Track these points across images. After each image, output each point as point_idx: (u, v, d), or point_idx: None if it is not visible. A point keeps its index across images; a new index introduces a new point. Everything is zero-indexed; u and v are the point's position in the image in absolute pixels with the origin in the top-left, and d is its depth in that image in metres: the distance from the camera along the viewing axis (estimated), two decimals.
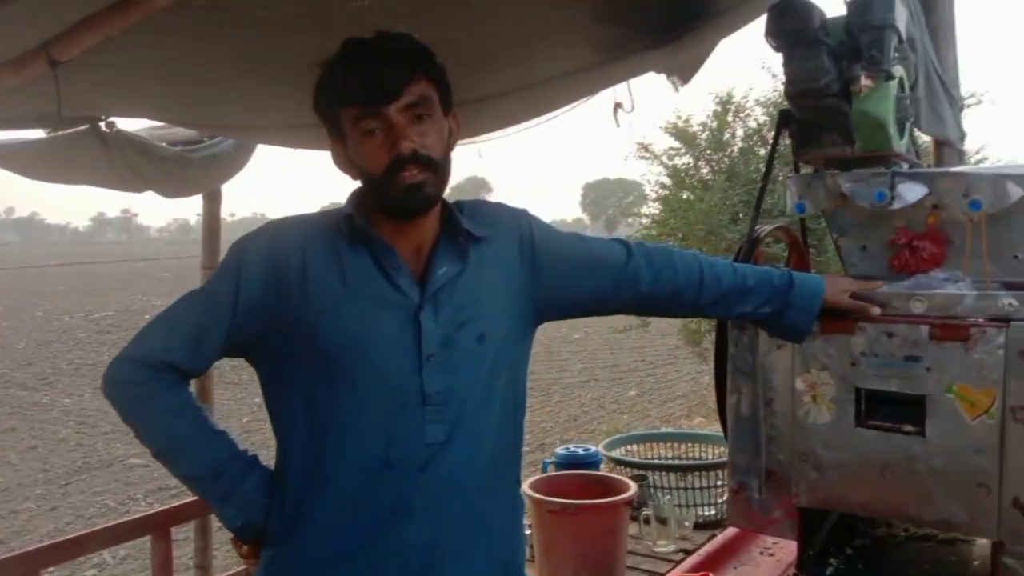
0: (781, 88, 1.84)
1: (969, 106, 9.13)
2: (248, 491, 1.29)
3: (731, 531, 2.01)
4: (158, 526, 2.30)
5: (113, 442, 9.19)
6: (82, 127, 2.86)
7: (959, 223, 1.65)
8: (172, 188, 3.26)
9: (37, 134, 2.94)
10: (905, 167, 1.76)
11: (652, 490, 2.86)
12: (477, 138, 2.60)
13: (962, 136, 2.49)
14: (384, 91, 1.23)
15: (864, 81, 1.69)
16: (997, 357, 1.34)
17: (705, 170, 9.29)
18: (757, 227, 1.85)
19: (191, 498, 2.63)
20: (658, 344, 14.19)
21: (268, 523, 1.29)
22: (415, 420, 1.24)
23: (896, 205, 1.64)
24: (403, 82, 1.24)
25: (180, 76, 2.12)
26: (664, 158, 9.46)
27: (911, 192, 1.63)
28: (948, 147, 2.45)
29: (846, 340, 1.47)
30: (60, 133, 2.87)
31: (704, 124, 9.26)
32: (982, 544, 1.55)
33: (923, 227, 1.70)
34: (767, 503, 1.60)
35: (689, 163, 9.33)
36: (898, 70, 1.77)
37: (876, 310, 1.48)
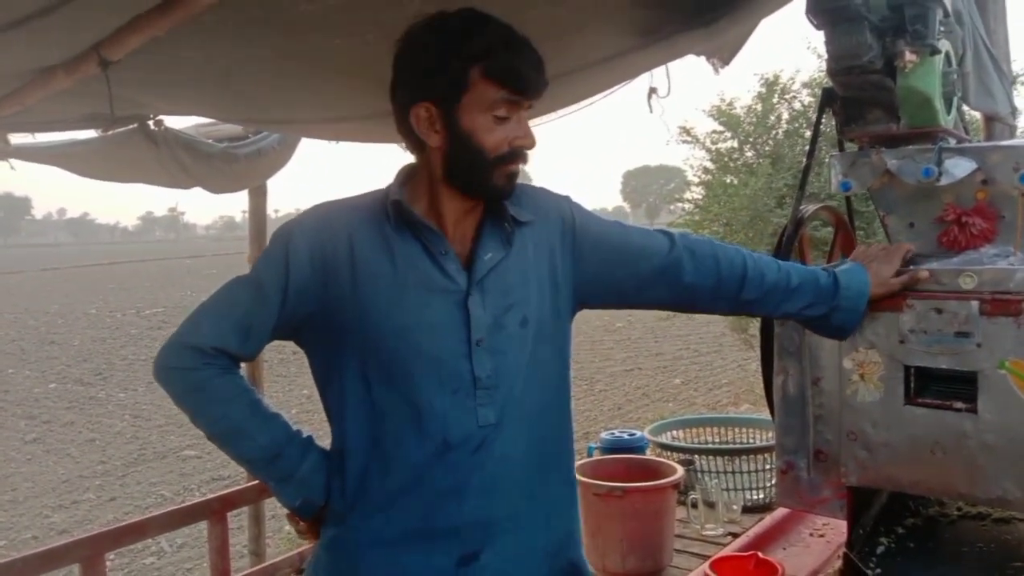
0: (825, 67, 1.81)
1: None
2: (306, 472, 1.32)
3: (780, 512, 2.00)
4: (215, 511, 2.37)
5: (167, 434, 9.42)
6: (131, 126, 2.94)
7: (1010, 197, 1.61)
8: (219, 184, 3.34)
9: (89, 134, 3.04)
10: (952, 143, 1.73)
11: (699, 474, 2.85)
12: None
13: (1014, 111, 2.43)
14: (536, 87, 1.27)
15: (908, 56, 1.66)
16: None
17: (750, 154, 9.15)
18: (801, 208, 1.84)
19: (247, 484, 2.70)
20: (703, 332, 14.07)
21: (327, 502, 1.33)
22: (468, 403, 1.26)
23: (944, 181, 1.61)
24: (544, 84, 1.29)
25: (224, 74, 2.17)
26: (708, 142, 9.35)
27: (959, 167, 1.60)
28: (999, 123, 2.40)
29: (894, 318, 1.46)
30: (111, 132, 2.96)
31: (749, 107, 9.12)
32: None
33: (972, 203, 1.66)
34: (815, 483, 1.59)
35: (733, 147, 9.20)
36: (944, 44, 1.74)
37: (924, 274, 1.49)
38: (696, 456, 2.90)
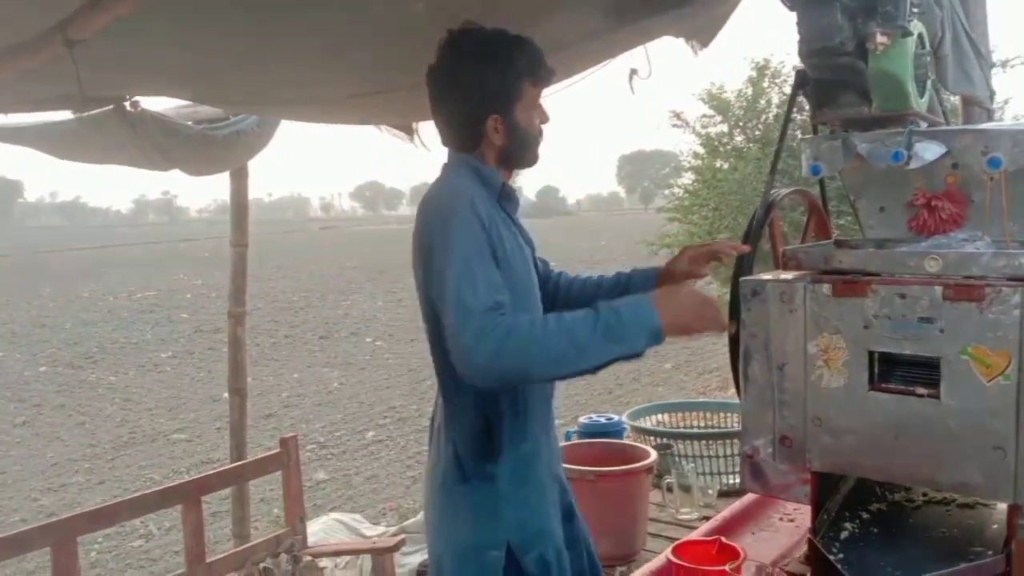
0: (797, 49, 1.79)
1: (1013, 66, 8.87)
2: (628, 320, 1.40)
3: (750, 497, 2.00)
4: (189, 495, 2.36)
5: (157, 418, 9.41)
6: (107, 107, 2.91)
7: (979, 182, 1.61)
8: (197, 166, 3.31)
9: (64, 115, 3.00)
10: (924, 126, 1.72)
11: (677, 459, 2.86)
12: None
13: (991, 95, 2.42)
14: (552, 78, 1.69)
15: (879, 38, 1.64)
16: (1013, 317, 1.31)
17: (739, 138, 9.14)
18: (772, 191, 1.82)
19: (221, 468, 2.70)
20: None
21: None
22: None
23: (913, 165, 1.60)
24: None
25: (197, 53, 2.14)
26: (698, 126, 9.34)
27: (928, 151, 1.59)
28: (977, 106, 2.39)
29: (859, 303, 1.45)
30: (86, 114, 2.92)
31: (739, 91, 9.10)
32: (1001, 508, 1.53)
33: (942, 187, 1.66)
34: (781, 468, 1.59)
35: (723, 131, 9.19)
36: (916, 26, 1.72)
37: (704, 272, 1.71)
38: (674, 441, 2.90)
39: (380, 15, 1.69)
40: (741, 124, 8.99)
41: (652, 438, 2.87)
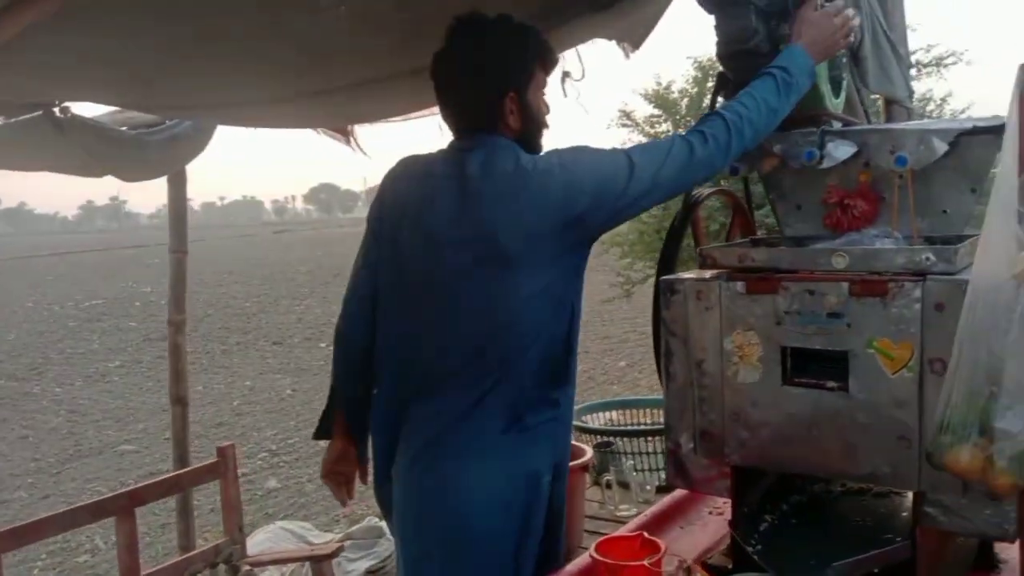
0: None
1: (946, 65, 9.13)
2: (794, 71, 1.67)
3: (682, 492, 2.03)
4: (121, 508, 2.32)
5: (104, 429, 9.21)
6: (36, 113, 2.85)
7: (889, 180, 1.66)
8: (131, 172, 3.26)
9: None
10: (837, 126, 1.77)
11: (618, 456, 2.89)
12: (429, 110, 2.59)
13: (911, 94, 2.49)
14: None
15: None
16: (914, 311, 1.35)
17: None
18: (694, 192, 1.86)
19: (156, 479, 2.65)
20: (649, 314, 14.18)
21: None
22: None
23: (825, 164, 1.65)
24: None
25: (120, 59, 2.11)
26: (646, 126, 9.42)
27: (840, 150, 1.64)
28: (898, 105, 2.45)
29: (770, 299, 1.48)
30: (13, 120, 2.86)
31: (684, 90, 9.20)
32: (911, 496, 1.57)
33: (855, 185, 1.71)
34: (702, 463, 1.62)
35: (669, 130, 9.28)
36: None
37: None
38: (615, 438, 2.94)
39: (301, 19, 1.68)
40: (686, 123, 9.10)
41: (593, 436, 2.90)
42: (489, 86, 1.67)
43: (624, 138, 9.90)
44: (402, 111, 2.46)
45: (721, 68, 1.84)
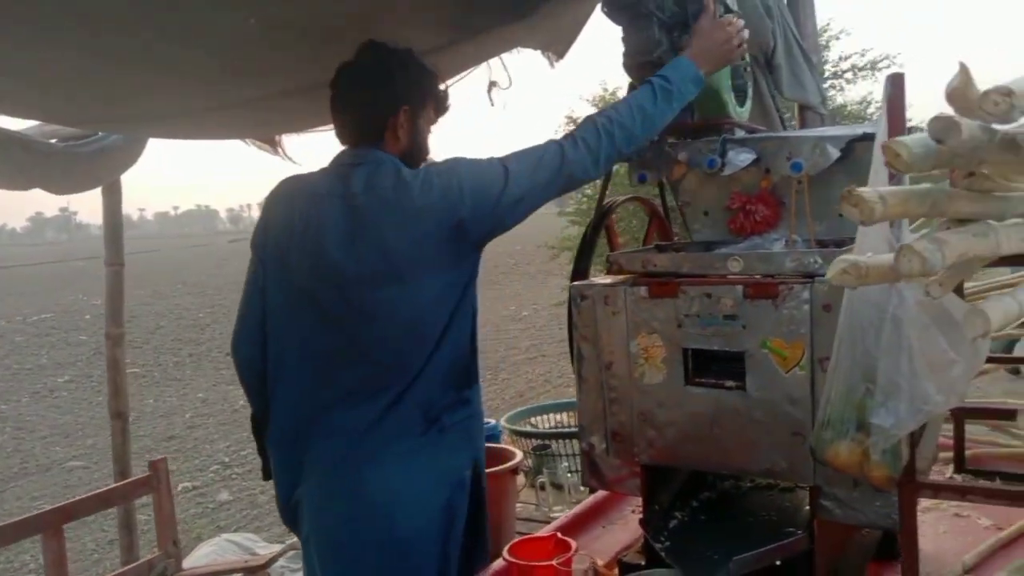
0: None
1: (880, 69, 9.37)
2: (675, 79, 1.73)
3: (603, 493, 2.08)
4: (48, 524, 2.29)
5: (52, 446, 9.02)
6: None
7: (789, 185, 1.71)
8: (60, 184, 3.21)
9: None
10: (741, 134, 1.82)
11: (554, 458, 2.93)
12: None
13: (824, 100, 2.58)
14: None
15: None
16: (804, 312, 1.41)
17: None
18: (607, 200, 1.90)
19: (86, 494, 2.62)
20: None
21: None
22: None
23: (727, 171, 1.70)
24: None
25: (34, 71, 2.09)
26: None
27: (740, 157, 1.69)
28: (811, 111, 2.53)
29: (671, 303, 1.53)
30: None
31: None
32: None
33: (757, 191, 1.76)
34: (613, 463, 1.66)
35: None
36: None
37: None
38: (552, 440, 2.97)
39: (213, 31, 1.68)
40: None
41: (529, 440, 2.94)
42: (386, 97, 1.75)
43: None
44: (327, 122, 2.47)
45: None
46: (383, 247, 1.64)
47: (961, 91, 0.73)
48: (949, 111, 0.79)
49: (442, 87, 1.87)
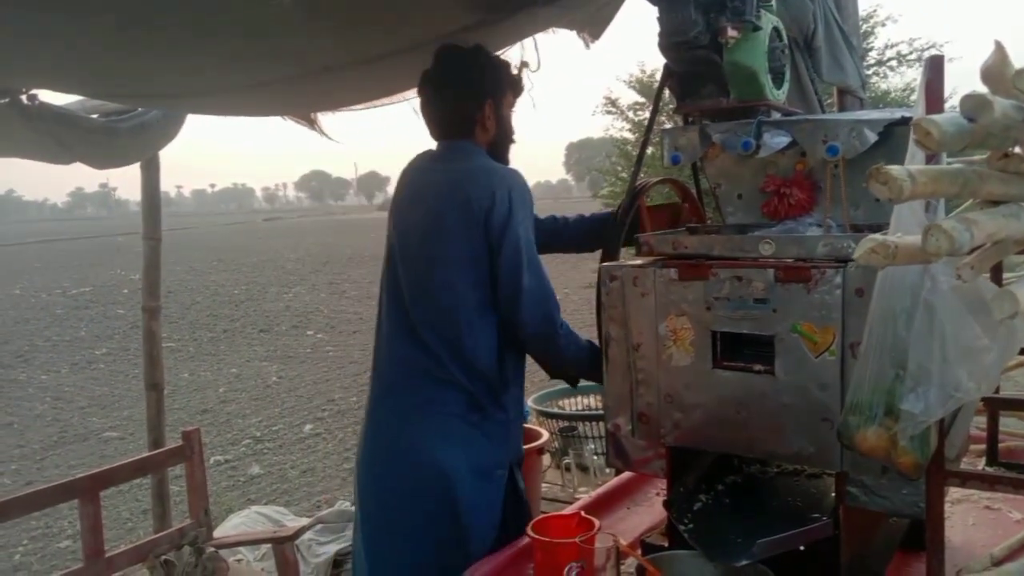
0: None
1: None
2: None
3: (628, 474, 2.08)
4: (85, 490, 2.35)
5: (89, 416, 9.22)
6: (2, 101, 2.86)
7: (825, 169, 1.69)
8: (101, 159, 3.27)
9: None
10: (776, 116, 1.80)
11: (580, 440, 2.94)
12: (389, 98, 2.61)
13: (863, 84, 2.53)
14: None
15: (730, 32, 1.72)
16: (836, 296, 1.40)
17: (668, 125, 9.28)
18: (639, 181, 1.89)
19: (122, 461, 2.69)
20: None
21: None
22: None
23: (762, 153, 1.68)
24: None
25: (78, 47, 2.12)
26: (630, 113, 9.44)
27: (775, 140, 1.67)
28: (849, 95, 2.50)
29: (701, 286, 1.52)
30: None
31: None
32: None
33: (792, 174, 1.74)
34: (639, 444, 1.67)
35: None
36: (768, 20, 1.80)
37: None
38: (579, 423, 2.98)
39: (249, 10, 1.70)
40: (669, 111, 9.12)
41: (556, 421, 2.95)
42: (470, 95, 1.98)
43: (608, 124, 9.93)
44: (360, 100, 2.49)
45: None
46: (442, 218, 1.92)
47: (996, 70, 0.72)
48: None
49: (514, 71, 2.08)
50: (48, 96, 2.99)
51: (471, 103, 1.99)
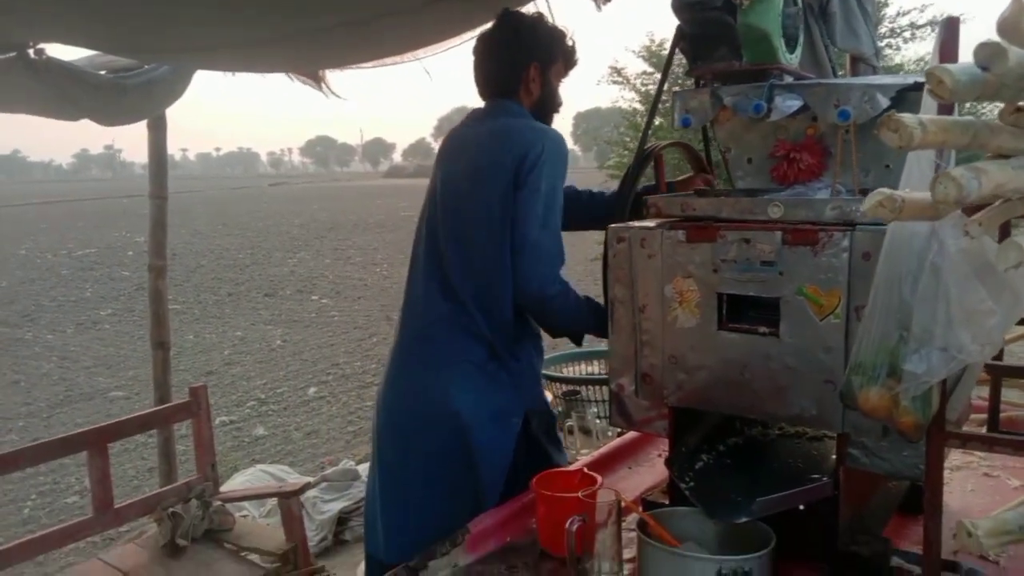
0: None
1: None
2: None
3: (632, 435, 2.10)
4: (93, 442, 2.38)
5: (95, 376, 9.30)
6: (9, 55, 2.85)
7: (836, 134, 1.69)
8: (109, 116, 3.27)
9: None
10: (789, 79, 1.79)
11: (583, 403, 2.97)
12: (400, 56, 2.59)
13: (877, 52, 2.51)
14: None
15: None
16: (843, 260, 1.40)
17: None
18: (648, 145, 1.89)
19: (129, 415, 2.72)
20: None
21: None
22: None
23: (773, 117, 1.67)
24: None
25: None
26: (638, 83, 9.36)
27: (786, 104, 1.66)
28: (863, 63, 2.48)
29: (708, 248, 1.53)
30: None
31: None
32: None
33: (803, 139, 1.74)
34: (642, 404, 1.68)
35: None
36: None
37: None
38: (582, 387, 3.01)
39: None
40: (679, 81, 9.02)
41: (560, 385, 2.98)
42: (517, 56, 2.06)
43: (616, 95, 9.84)
44: (368, 58, 2.48)
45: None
46: (481, 172, 2.01)
47: (1013, 21, 0.72)
48: None
49: (569, 43, 2.15)
50: (56, 51, 2.98)
51: (518, 63, 2.06)
